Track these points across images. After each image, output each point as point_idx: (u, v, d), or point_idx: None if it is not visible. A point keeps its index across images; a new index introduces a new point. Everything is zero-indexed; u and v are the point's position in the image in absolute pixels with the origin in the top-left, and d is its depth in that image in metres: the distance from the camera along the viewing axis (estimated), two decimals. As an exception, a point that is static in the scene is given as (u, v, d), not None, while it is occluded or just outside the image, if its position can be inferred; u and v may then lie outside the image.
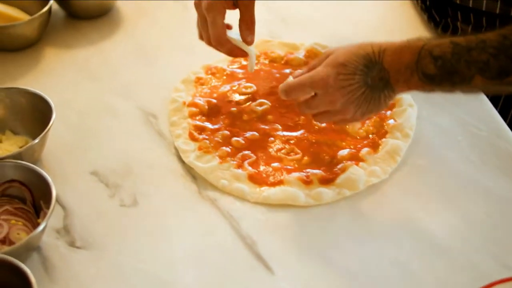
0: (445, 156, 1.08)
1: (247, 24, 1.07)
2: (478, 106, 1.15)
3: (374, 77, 0.93)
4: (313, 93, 0.96)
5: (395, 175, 1.04)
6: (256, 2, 1.18)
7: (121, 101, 1.18)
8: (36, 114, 1.09)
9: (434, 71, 0.90)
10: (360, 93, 0.93)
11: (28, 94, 1.09)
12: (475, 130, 1.11)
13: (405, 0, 1.43)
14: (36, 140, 1.00)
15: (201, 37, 1.10)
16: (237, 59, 1.24)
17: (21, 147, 1.07)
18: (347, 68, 0.93)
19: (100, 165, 1.06)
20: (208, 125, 1.11)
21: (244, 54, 1.10)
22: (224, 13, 1.05)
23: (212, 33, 1.05)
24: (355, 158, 1.05)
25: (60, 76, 1.24)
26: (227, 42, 1.07)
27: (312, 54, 1.26)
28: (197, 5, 1.06)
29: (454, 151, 1.08)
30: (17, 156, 0.99)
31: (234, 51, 1.09)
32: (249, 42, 1.08)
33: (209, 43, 1.08)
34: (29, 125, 1.10)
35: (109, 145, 1.10)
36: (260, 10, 1.29)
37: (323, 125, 1.10)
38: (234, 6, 1.07)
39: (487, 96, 1.16)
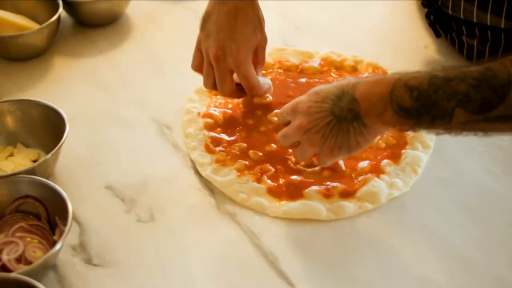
0: (467, 168, 1.06)
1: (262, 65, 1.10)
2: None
3: (343, 108, 0.88)
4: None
5: (416, 187, 1.02)
6: (269, 9, 1.18)
7: (134, 112, 1.16)
8: (48, 126, 1.06)
9: (410, 103, 0.83)
10: (326, 122, 0.89)
11: (40, 106, 1.07)
12: (496, 141, 1.09)
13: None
14: (50, 155, 0.98)
15: (196, 69, 1.09)
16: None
17: (33, 161, 1.05)
18: (318, 95, 0.91)
19: (114, 179, 1.03)
20: (224, 137, 1.09)
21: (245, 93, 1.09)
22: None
23: (244, 84, 1.06)
24: (376, 170, 1.03)
25: (70, 86, 1.22)
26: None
27: (327, 62, 1.24)
28: (210, 47, 1.05)
29: (476, 162, 1.06)
30: (31, 171, 0.97)
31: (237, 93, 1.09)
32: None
33: (214, 88, 1.07)
34: (41, 137, 1.07)
35: (123, 158, 1.07)
36: (273, 18, 1.28)
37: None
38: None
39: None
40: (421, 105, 0.83)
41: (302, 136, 0.92)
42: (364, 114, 0.87)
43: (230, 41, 1.02)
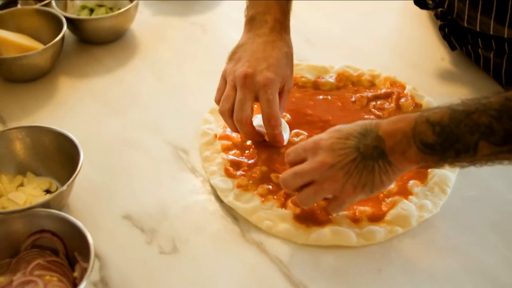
0: (495, 186, 1.03)
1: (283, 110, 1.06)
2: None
3: (368, 145, 0.85)
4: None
5: (445, 208, 0.99)
6: None
7: (148, 135, 1.11)
8: (59, 153, 1.02)
9: (432, 138, 0.82)
10: (351, 159, 0.85)
11: (50, 133, 1.03)
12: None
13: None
14: (66, 186, 0.93)
15: (217, 102, 1.04)
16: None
17: (45, 190, 1.00)
18: (340, 132, 0.88)
19: (132, 208, 0.99)
20: (244, 160, 1.05)
21: (262, 137, 1.05)
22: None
23: (264, 111, 1.01)
24: (403, 191, 1.00)
25: (78, 108, 1.18)
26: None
27: (344, 77, 1.20)
28: (239, 69, 1.02)
29: (504, 180, 1.04)
30: (45, 204, 0.92)
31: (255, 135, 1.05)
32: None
33: (229, 113, 1.02)
34: (52, 165, 1.03)
35: (139, 185, 1.03)
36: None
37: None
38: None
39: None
40: (444, 140, 0.81)
41: (323, 173, 0.86)
42: (390, 152, 0.84)
43: (263, 61, 1.01)
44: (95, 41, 1.31)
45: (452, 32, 1.23)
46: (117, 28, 1.30)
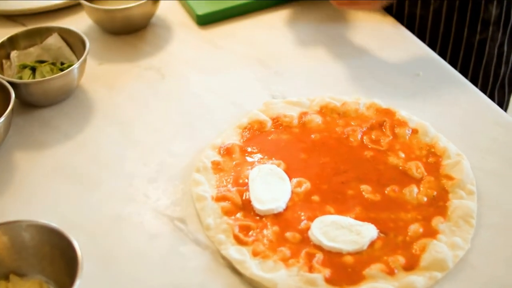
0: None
1: None
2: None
3: None
4: None
5: (474, 241, 0.93)
6: (239, 56, 1.19)
7: (134, 207, 1.00)
8: (44, 248, 0.88)
9: None
10: None
11: (30, 228, 0.89)
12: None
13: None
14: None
15: None
16: (247, 131, 1.09)
17: (36, 293, 0.87)
18: None
19: (143, 298, 0.87)
20: (251, 222, 0.95)
21: None
22: None
23: None
24: (430, 231, 0.94)
25: (45, 187, 1.04)
26: None
27: (328, 110, 1.13)
28: None
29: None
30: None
31: None
32: None
33: None
34: (38, 263, 0.89)
35: (145, 271, 0.91)
36: (251, 66, 1.23)
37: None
38: None
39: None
40: None
41: None
42: None
43: None
44: (44, 104, 1.16)
45: None
46: (68, 86, 1.17)
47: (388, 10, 1.36)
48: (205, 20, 1.36)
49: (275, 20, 1.37)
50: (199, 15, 1.35)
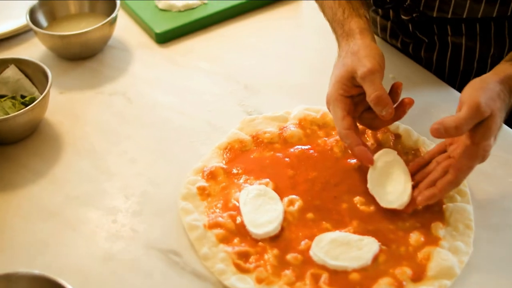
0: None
1: (372, 99, 0.93)
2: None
3: None
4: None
5: (476, 243, 0.93)
6: (204, 73, 1.13)
7: (123, 245, 0.95)
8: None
9: None
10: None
11: (21, 280, 0.83)
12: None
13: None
14: None
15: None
16: (228, 152, 1.06)
17: None
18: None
19: None
20: (249, 247, 0.92)
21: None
22: (344, 104, 0.97)
23: (336, 129, 0.97)
24: (431, 239, 0.93)
25: (27, 232, 0.97)
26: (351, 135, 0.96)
27: (307, 122, 1.10)
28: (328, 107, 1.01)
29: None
30: None
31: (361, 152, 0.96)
32: (384, 116, 0.94)
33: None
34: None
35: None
36: (219, 82, 1.19)
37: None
38: (356, 88, 0.97)
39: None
40: None
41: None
42: None
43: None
44: (8, 142, 1.10)
45: (417, 27, 1.22)
46: (35, 121, 1.10)
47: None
48: (164, 38, 1.31)
49: (236, 33, 1.34)
50: (158, 33, 1.30)
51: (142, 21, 1.33)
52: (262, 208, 0.96)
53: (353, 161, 1.04)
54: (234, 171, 1.03)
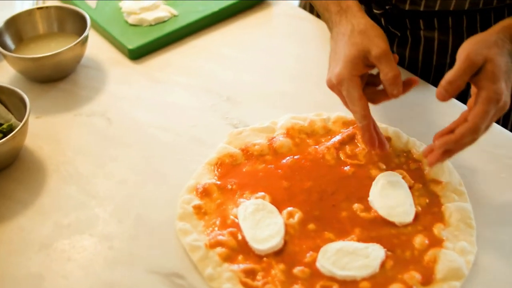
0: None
1: (389, 79, 0.94)
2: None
3: None
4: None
5: (479, 241, 0.93)
6: (184, 87, 1.12)
7: (123, 271, 0.92)
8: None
9: None
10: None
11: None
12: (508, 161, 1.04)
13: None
14: None
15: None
16: (219, 167, 1.04)
17: None
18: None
19: None
20: (254, 265, 0.90)
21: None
22: (359, 84, 0.96)
23: (353, 110, 0.97)
24: (435, 241, 0.93)
25: (17, 265, 0.94)
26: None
27: (295, 132, 1.09)
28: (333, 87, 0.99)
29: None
30: None
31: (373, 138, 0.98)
32: (394, 95, 0.96)
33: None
34: None
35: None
36: (199, 96, 1.17)
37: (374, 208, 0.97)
38: (367, 67, 0.98)
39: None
40: None
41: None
42: None
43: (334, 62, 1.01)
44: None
45: (389, 21, 1.22)
46: (16, 149, 1.06)
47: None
48: (138, 54, 1.28)
49: (209, 44, 1.32)
50: (131, 49, 1.27)
51: (113, 38, 1.30)
52: (262, 222, 0.95)
53: (347, 168, 1.03)
54: (228, 186, 1.01)
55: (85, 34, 1.20)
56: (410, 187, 0.98)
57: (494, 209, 0.98)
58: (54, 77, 1.23)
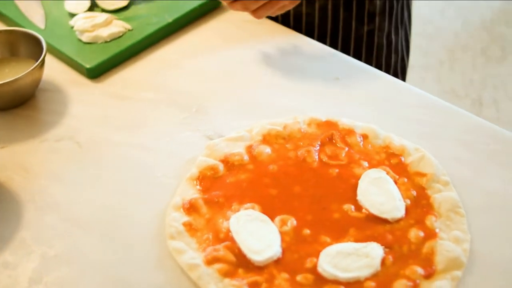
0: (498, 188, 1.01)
1: None
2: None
3: None
4: None
5: (471, 228, 0.95)
6: (151, 103, 1.14)
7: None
8: None
9: None
10: None
11: None
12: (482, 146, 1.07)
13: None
14: None
15: None
16: (202, 181, 1.02)
17: None
18: None
19: None
20: (257, 277, 0.89)
21: None
22: None
23: None
24: (429, 233, 0.94)
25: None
26: None
27: (272, 137, 1.09)
28: None
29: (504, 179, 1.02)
30: None
31: None
32: None
33: None
34: None
35: None
36: (166, 111, 1.16)
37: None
38: None
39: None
40: None
41: None
42: None
43: None
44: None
45: None
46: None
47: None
48: (97, 72, 1.25)
49: (169, 55, 1.30)
50: (89, 68, 1.24)
51: (69, 58, 1.26)
52: (256, 233, 0.94)
53: (331, 169, 1.03)
54: (215, 199, 0.99)
55: (42, 56, 1.16)
56: (395, 182, 0.99)
57: (480, 195, 0.99)
58: (13, 103, 1.18)
